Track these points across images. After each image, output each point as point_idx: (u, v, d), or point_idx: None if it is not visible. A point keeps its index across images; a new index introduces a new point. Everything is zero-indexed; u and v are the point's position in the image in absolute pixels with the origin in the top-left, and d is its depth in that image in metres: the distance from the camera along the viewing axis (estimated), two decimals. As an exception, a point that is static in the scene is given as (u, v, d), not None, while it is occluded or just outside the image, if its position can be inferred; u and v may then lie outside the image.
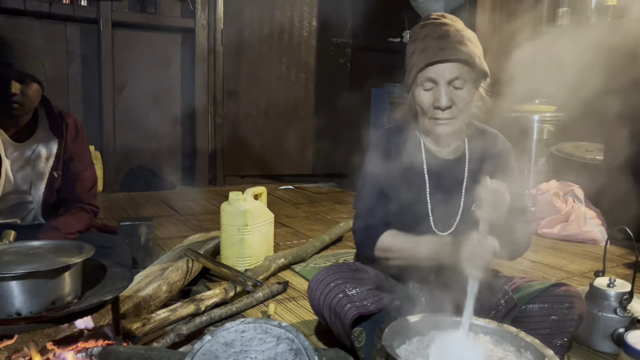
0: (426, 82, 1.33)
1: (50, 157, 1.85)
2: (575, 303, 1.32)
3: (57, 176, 1.85)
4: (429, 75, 1.32)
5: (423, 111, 1.37)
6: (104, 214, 3.30)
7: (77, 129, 1.91)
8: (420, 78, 1.34)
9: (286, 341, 1.12)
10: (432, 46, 1.31)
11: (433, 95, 1.33)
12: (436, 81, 1.32)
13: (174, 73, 4.51)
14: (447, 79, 1.31)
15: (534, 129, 3.74)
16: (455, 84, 1.32)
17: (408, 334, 1.20)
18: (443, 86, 1.32)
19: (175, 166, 4.62)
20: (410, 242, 1.35)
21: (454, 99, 1.33)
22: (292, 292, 2.03)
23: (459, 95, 1.33)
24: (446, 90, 1.32)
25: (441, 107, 1.32)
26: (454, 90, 1.33)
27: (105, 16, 3.98)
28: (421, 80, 1.34)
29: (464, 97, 1.33)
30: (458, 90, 1.33)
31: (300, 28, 4.82)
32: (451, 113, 1.33)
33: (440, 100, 1.32)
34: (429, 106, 1.34)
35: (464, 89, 1.33)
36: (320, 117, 5.00)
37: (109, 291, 1.15)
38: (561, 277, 2.32)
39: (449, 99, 1.32)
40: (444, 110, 1.33)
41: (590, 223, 3.01)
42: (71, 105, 4.08)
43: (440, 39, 1.32)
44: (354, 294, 1.33)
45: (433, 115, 1.35)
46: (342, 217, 3.41)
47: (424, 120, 1.38)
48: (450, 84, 1.32)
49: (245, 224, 2.19)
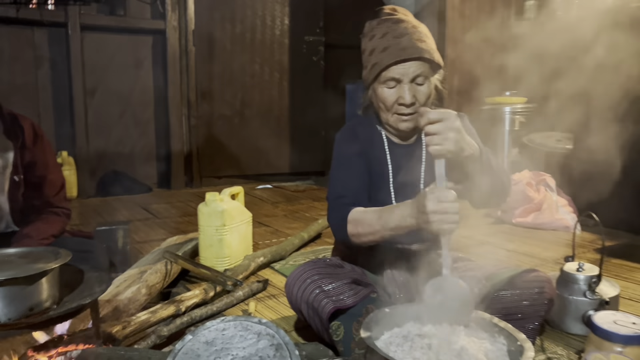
0: (389, 80, 1.37)
1: (8, 162, 1.80)
2: (545, 288, 1.36)
3: (18, 180, 1.81)
4: (392, 75, 1.36)
5: (386, 108, 1.41)
6: (79, 219, 3.27)
7: (34, 132, 1.86)
8: (383, 77, 1.38)
9: (267, 337, 1.13)
10: (393, 45, 1.36)
11: (397, 93, 1.38)
12: (399, 80, 1.36)
13: (145, 75, 4.47)
14: (410, 77, 1.36)
15: (505, 121, 3.82)
16: (418, 80, 1.37)
17: (385, 325, 1.23)
18: (406, 84, 1.36)
19: (150, 169, 4.58)
20: (377, 212, 1.32)
21: (417, 95, 1.38)
22: (272, 289, 2.04)
23: (420, 91, 1.38)
24: (409, 88, 1.37)
25: (405, 104, 1.37)
26: (416, 87, 1.38)
27: (73, 20, 3.93)
28: (384, 79, 1.38)
29: (425, 92, 1.38)
30: (420, 86, 1.38)
31: (272, 27, 4.83)
32: (414, 108, 1.38)
33: (404, 98, 1.37)
34: (392, 103, 1.39)
35: (424, 84, 1.38)
36: (295, 115, 5.02)
37: (87, 295, 1.15)
38: (535, 264, 2.38)
39: (412, 95, 1.37)
40: (408, 107, 1.38)
41: (562, 211, 3.09)
42: (42, 110, 4.02)
43: (401, 37, 1.36)
44: (330, 289, 1.35)
45: (397, 111, 1.40)
46: (320, 215, 3.43)
47: (388, 116, 1.42)
48: (413, 81, 1.37)
49: (223, 224, 2.20)
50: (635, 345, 1.23)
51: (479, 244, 2.75)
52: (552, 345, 1.55)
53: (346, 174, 1.45)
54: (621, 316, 1.32)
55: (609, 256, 2.49)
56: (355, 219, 1.36)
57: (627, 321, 1.28)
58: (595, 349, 1.25)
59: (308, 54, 5.01)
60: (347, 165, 1.46)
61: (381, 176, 1.48)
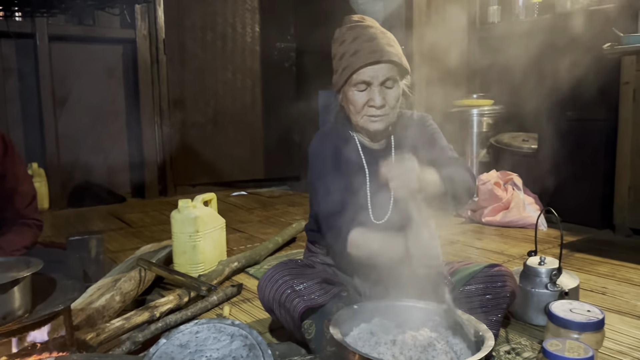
0: (360, 83, 1.41)
1: None
2: (507, 282, 1.43)
3: None
4: (363, 78, 1.40)
5: (357, 110, 1.45)
6: (51, 231, 3.24)
7: (4, 144, 1.85)
8: (353, 80, 1.41)
9: (240, 338, 1.16)
10: (364, 49, 1.40)
11: (367, 95, 1.42)
12: (370, 82, 1.40)
13: (116, 84, 4.45)
14: (380, 80, 1.40)
15: (473, 123, 3.91)
16: (387, 84, 1.42)
17: (354, 321, 1.27)
18: (376, 87, 1.41)
19: (124, 179, 4.55)
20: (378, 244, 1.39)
21: (386, 98, 1.42)
22: (246, 293, 2.07)
23: (390, 94, 1.43)
24: (379, 91, 1.41)
25: (376, 106, 1.41)
26: (385, 90, 1.42)
27: (41, 30, 3.90)
28: (355, 82, 1.41)
29: (394, 95, 1.43)
30: (389, 89, 1.42)
31: (243, 34, 4.86)
32: (384, 111, 1.43)
33: (374, 100, 1.41)
34: (362, 105, 1.43)
35: (393, 88, 1.43)
36: (269, 121, 5.06)
37: (60, 302, 1.16)
38: (503, 260, 2.46)
39: (382, 98, 1.41)
40: (379, 109, 1.42)
41: (529, 209, 3.18)
42: (10, 122, 3.97)
43: (371, 41, 1.41)
44: (301, 288, 1.39)
45: (367, 113, 1.44)
46: (295, 219, 3.46)
47: (358, 118, 1.46)
48: (383, 85, 1.41)
49: (196, 230, 2.21)
50: (590, 332, 1.30)
51: (449, 242, 2.83)
52: (516, 336, 1.61)
53: (329, 185, 1.46)
54: (577, 305, 1.38)
55: (573, 250, 2.58)
56: (357, 244, 1.40)
57: (583, 309, 1.35)
58: (553, 337, 1.31)
59: (279, 61, 5.05)
60: (327, 175, 1.48)
61: (358, 179, 1.51)
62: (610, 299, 1.95)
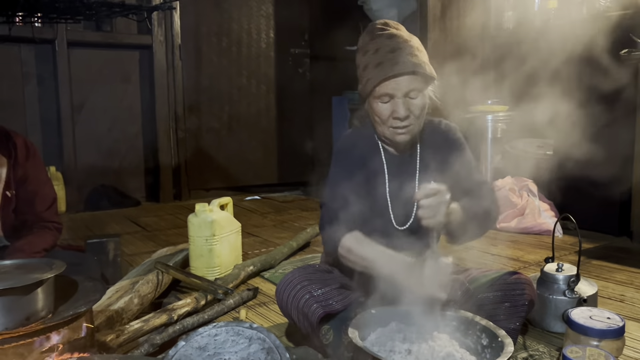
0: (383, 96, 1.39)
1: (0, 178, 1.83)
2: (526, 290, 1.41)
3: (10, 196, 1.83)
4: (385, 91, 1.38)
5: (382, 121, 1.43)
6: (68, 234, 3.28)
7: (27, 148, 1.89)
8: (377, 92, 1.40)
9: (258, 341, 1.17)
10: (385, 61, 1.37)
11: (391, 107, 1.40)
12: (393, 95, 1.38)
13: (133, 90, 4.50)
14: (403, 92, 1.38)
15: (488, 129, 3.90)
16: (411, 94, 1.39)
17: (371, 326, 1.27)
18: (400, 99, 1.38)
19: (139, 183, 4.60)
20: (371, 253, 1.36)
21: (411, 108, 1.40)
22: (262, 297, 2.08)
23: (414, 104, 1.40)
24: (403, 102, 1.38)
25: (400, 117, 1.40)
26: (409, 101, 1.39)
27: (60, 36, 3.96)
28: (378, 94, 1.40)
29: (419, 105, 1.41)
30: (413, 100, 1.40)
31: (258, 40, 4.90)
32: (409, 121, 1.41)
33: (398, 112, 1.39)
34: (387, 117, 1.41)
35: (418, 98, 1.40)
36: (282, 126, 5.08)
37: (82, 304, 1.18)
38: (519, 267, 2.45)
39: (406, 109, 1.39)
40: (403, 120, 1.40)
41: (544, 215, 3.16)
42: (29, 126, 4.03)
43: (394, 51, 1.38)
44: (319, 294, 1.39)
45: (392, 125, 1.42)
46: (309, 224, 3.47)
47: (384, 129, 1.45)
48: (406, 96, 1.39)
49: (212, 234, 2.23)
50: (610, 339, 1.29)
51: (465, 248, 2.81)
52: (534, 343, 1.60)
53: (345, 185, 1.46)
54: (597, 312, 1.37)
55: (590, 257, 2.56)
56: (348, 247, 1.39)
57: (602, 316, 1.34)
58: (572, 344, 1.30)
59: (294, 66, 5.08)
60: (346, 176, 1.48)
61: (378, 186, 1.51)
62: (629, 306, 1.93)
